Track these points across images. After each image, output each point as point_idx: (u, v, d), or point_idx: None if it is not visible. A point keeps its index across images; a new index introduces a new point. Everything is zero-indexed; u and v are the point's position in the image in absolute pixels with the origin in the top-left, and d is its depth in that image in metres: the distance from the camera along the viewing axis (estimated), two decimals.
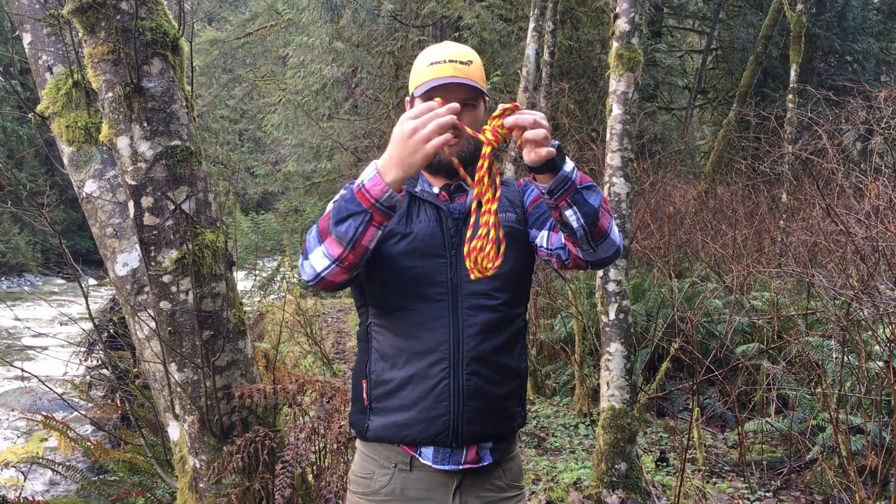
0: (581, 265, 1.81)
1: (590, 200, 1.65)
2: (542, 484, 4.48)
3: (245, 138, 32.68)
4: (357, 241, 1.59)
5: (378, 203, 1.55)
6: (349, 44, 14.06)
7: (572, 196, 1.63)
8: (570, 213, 1.65)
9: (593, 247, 1.72)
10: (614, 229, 1.75)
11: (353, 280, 1.73)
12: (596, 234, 1.69)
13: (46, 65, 3.26)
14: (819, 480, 4.32)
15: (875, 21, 17.19)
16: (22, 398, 7.96)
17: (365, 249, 1.61)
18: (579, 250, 1.74)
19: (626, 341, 4.27)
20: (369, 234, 1.59)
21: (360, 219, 1.57)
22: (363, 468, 1.87)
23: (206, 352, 2.88)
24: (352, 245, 1.59)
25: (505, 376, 1.82)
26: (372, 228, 1.58)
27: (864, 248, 4.13)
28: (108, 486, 4.44)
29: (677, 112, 17.32)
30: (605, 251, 1.75)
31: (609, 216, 1.72)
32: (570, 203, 1.64)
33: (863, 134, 12.32)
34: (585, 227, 1.67)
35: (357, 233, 1.58)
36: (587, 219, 1.66)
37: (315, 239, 1.66)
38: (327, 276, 1.66)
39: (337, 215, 1.60)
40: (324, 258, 1.64)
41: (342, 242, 1.60)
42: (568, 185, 1.62)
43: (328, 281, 1.68)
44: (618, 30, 4.25)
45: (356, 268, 1.66)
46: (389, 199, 1.55)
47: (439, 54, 1.80)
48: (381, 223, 1.59)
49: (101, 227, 3.19)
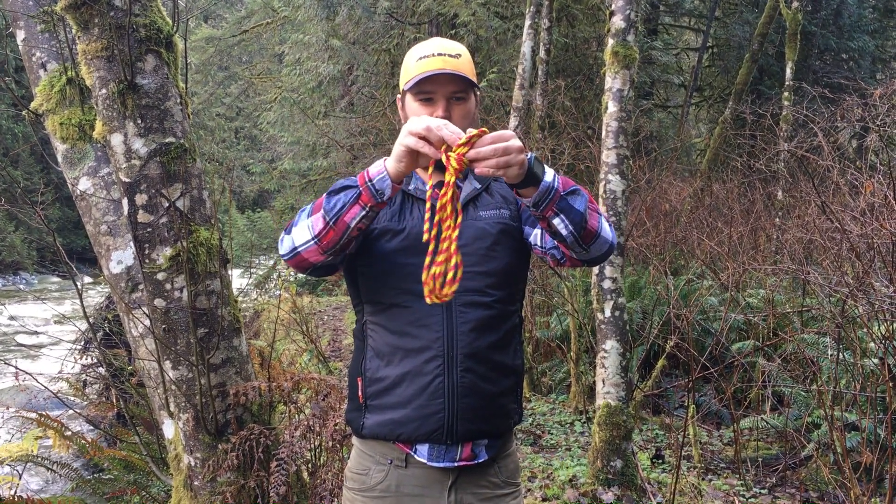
0: (576, 263, 1.81)
1: (575, 206, 1.65)
2: (537, 481, 4.49)
3: (241, 136, 32.67)
4: (340, 214, 1.61)
5: (370, 182, 1.58)
6: (345, 41, 14.06)
7: (558, 205, 1.63)
8: (557, 221, 1.65)
9: (585, 248, 1.72)
10: (605, 226, 1.74)
11: (325, 269, 1.76)
12: (586, 237, 1.69)
13: (40, 62, 3.25)
14: (814, 477, 4.33)
15: (871, 19, 17.17)
16: (17, 396, 7.95)
17: (345, 227, 1.62)
18: (572, 252, 1.74)
19: (621, 339, 4.27)
20: (353, 211, 1.61)
21: (350, 193, 1.61)
22: (359, 464, 1.88)
23: (200, 349, 2.88)
24: (334, 219, 1.62)
25: (500, 373, 1.82)
26: (357, 207, 1.60)
27: (860, 245, 4.13)
28: (104, 483, 4.44)
29: (673, 110, 17.32)
30: (598, 250, 1.75)
31: (597, 215, 1.72)
32: (557, 212, 1.64)
33: (858, 131, 12.36)
34: (575, 233, 1.67)
35: (343, 206, 1.61)
36: (576, 225, 1.66)
37: (306, 213, 1.70)
38: (303, 253, 1.69)
39: (334, 187, 1.66)
40: (306, 231, 1.67)
41: (327, 216, 1.63)
42: (551, 194, 1.61)
43: (302, 258, 1.70)
44: (614, 27, 4.25)
45: (332, 251, 1.67)
46: (381, 182, 1.58)
47: (428, 49, 1.80)
48: (367, 204, 1.60)
49: (95, 225, 3.18)
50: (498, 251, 1.80)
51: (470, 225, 1.80)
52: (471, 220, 1.81)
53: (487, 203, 1.85)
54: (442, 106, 1.78)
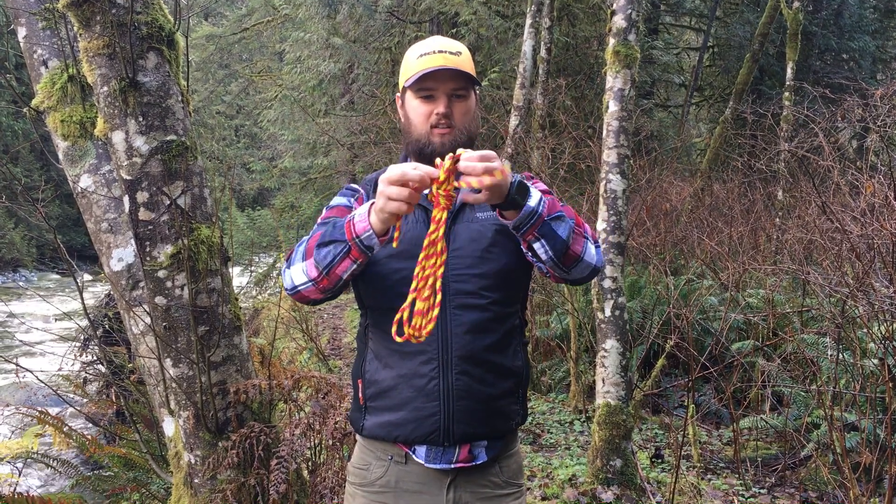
0: (560, 281, 1.82)
1: (558, 232, 1.64)
2: (537, 480, 4.49)
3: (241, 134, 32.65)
4: (331, 268, 1.63)
5: (357, 239, 1.59)
6: (346, 40, 14.04)
7: (539, 230, 1.62)
8: (538, 245, 1.65)
9: (566, 270, 1.72)
10: (590, 250, 1.73)
11: (329, 299, 1.78)
12: (567, 261, 1.69)
13: (41, 59, 3.25)
14: (813, 477, 4.34)
15: (871, 19, 17.19)
16: (17, 393, 7.96)
17: (338, 279, 1.65)
18: (554, 272, 1.74)
19: (621, 338, 4.27)
20: (344, 265, 1.63)
21: (339, 248, 1.61)
22: (361, 459, 1.89)
23: (201, 347, 2.88)
24: (327, 272, 1.64)
25: (497, 375, 1.81)
26: (348, 261, 1.62)
27: (860, 245, 4.14)
28: (103, 481, 4.44)
29: (674, 109, 17.33)
30: (579, 273, 1.74)
31: (583, 239, 1.71)
32: (538, 237, 1.63)
33: (859, 132, 12.36)
34: (555, 259, 1.67)
35: (334, 260, 1.62)
36: (556, 251, 1.65)
37: (300, 255, 1.71)
38: (303, 292, 1.72)
39: (322, 238, 1.65)
40: (302, 274, 1.70)
41: (318, 266, 1.65)
42: (534, 219, 1.61)
43: (304, 295, 1.74)
44: (615, 26, 4.25)
45: (331, 292, 1.71)
46: (368, 240, 1.58)
47: (429, 46, 1.80)
48: (357, 259, 1.62)
49: (96, 223, 3.18)
50: (494, 253, 1.79)
51: (465, 227, 1.80)
52: (466, 221, 1.80)
53: (484, 204, 1.84)
54: (443, 102, 1.77)
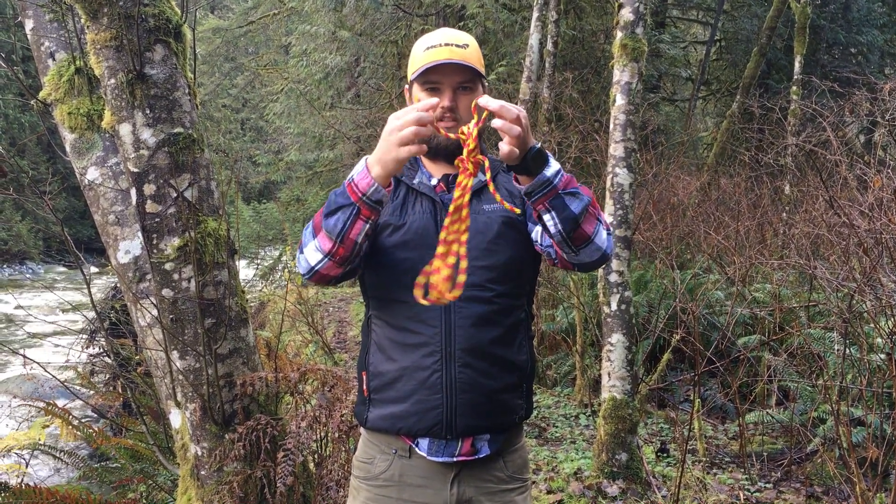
0: (567, 266, 1.78)
1: (570, 206, 1.61)
2: (542, 474, 4.50)
3: (247, 127, 32.70)
4: (345, 234, 1.61)
5: (365, 197, 1.57)
6: (352, 33, 14.01)
7: (551, 201, 1.60)
8: (547, 217, 1.63)
9: (574, 251, 1.68)
10: (601, 234, 1.70)
11: (349, 274, 1.76)
12: (576, 240, 1.66)
13: (49, 51, 3.25)
14: (819, 472, 4.33)
15: (880, 13, 17.07)
16: (24, 385, 7.98)
17: (354, 243, 1.63)
18: (562, 251, 1.71)
19: (627, 332, 4.27)
20: (357, 227, 1.61)
21: (348, 212, 1.60)
22: (365, 453, 1.89)
23: (207, 340, 2.88)
24: (340, 238, 1.62)
25: (502, 369, 1.80)
26: (360, 222, 1.61)
27: (867, 240, 4.12)
28: (110, 472, 4.45)
29: (681, 103, 17.27)
30: (588, 256, 1.71)
31: (596, 221, 1.68)
32: (549, 208, 1.61)
33: (867, 126, 12.30)
34: (563, 233, 1.64)
35: (345, 226, 1.61)
36: (565, 224, 1.62)
37: (310, 233, 1.70)
38: (321, 270, 1.70)
39: (327, 208, 1.63)
40: (316, 252, 1.68)
41: (331, 236, 1.63)
42: (547, 189, 1.59)
43: (322, 274, 1.72)
44: (622, 19, 4.23)
45: (349, 262, 1.69)
46: (376, 193, 1.57)
47: (436, 39, 1.79)
48: (369, 217, 1.60)
49: (103, 215, 3.19)
50: (500, 245, 1.79)
51: (472, 219, 1.77)
52: (473, 213, 1.77)
53: (491, 197, 1.81)
54: (448, 96, 1.77)
